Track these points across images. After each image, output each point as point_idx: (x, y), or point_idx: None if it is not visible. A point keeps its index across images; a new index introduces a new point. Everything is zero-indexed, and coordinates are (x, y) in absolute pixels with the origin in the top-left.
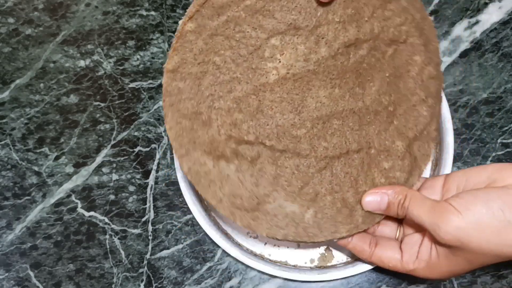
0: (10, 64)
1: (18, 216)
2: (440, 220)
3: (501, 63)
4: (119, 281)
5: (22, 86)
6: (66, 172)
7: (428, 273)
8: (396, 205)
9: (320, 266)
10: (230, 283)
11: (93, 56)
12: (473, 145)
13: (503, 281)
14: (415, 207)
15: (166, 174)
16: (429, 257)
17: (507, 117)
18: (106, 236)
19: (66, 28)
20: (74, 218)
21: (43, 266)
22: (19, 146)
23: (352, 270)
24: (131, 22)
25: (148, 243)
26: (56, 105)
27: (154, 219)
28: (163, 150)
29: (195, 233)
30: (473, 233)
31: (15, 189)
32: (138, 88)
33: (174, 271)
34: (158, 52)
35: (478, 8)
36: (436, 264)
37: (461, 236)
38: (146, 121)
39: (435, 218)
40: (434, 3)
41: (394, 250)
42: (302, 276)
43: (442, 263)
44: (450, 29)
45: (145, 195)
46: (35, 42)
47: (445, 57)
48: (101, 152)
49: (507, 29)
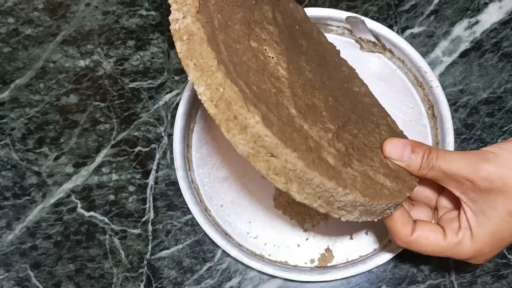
0: (10, 64)
1: (18, 216)
2: (477, 161)
3: (501, 63)
4: (119, 281)
5: (22, 86)
6: (66, 172)
7: (471, 245)
8: (421, 156)
9: (320, 266)
10: (230, 283)
11: (93, 56)
12: (473, 145)
13: (503, 281)
14: (446, 158)
15: (166, 174)
16: (470, 223)
17: (507, 117)
18: (106, 236)
19: (66, 28)
20: (74, 218)
21: (43, 266)
22: (19, 146)
23: (352, 271)
24: (131, 22)
25: (148, 243)
26: (56, 105)
27: (154, 219)
28: (163, 150)
29: (195, 233)
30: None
31: (15, 189)
32: (138, 88)
33: (174, 271)
34: (158, 52)
35: (478, 8)
36: (478, 229)
37: (502, 173)
38: (146, 121)
39: (470, 161)
40: (434, 3)
41: (435, 228)
42: (302, 277)
43: (484, 225)
44: (450, 29)
45: (145, 195)
46: (35, 42)
47: (445, 57)
48: (101, 152)
49: (507, 29)
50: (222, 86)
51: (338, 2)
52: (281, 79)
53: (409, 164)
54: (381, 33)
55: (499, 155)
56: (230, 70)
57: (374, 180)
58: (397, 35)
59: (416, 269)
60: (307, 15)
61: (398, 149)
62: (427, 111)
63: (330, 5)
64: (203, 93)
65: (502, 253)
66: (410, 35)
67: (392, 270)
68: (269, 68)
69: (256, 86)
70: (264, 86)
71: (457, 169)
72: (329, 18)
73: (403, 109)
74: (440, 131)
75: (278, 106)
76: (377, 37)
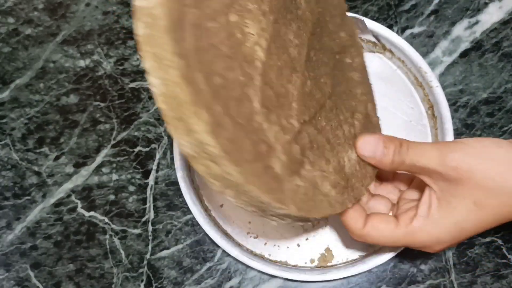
0: (10, 64)
1: (18, 216)
2: (446, 151)
3: (501, 63)
4: (119, 281)
5: (22, 86)
6: (66, 172)
7: (429, 232)
8: (392, 150)
9: (320, 266)
10: (230, 283)
11: (93, 56)
12: None
13: (503, 281)
14: (416, 150)
15: (166, 174)
16: (429, 210)
17: (507, 117)
18: (106, 236)
19: (66, 28)
20: (74, 218)
21: (43, 266)
22: (19, 146)
23: (352, 270)
24: (131, 22)
25: (148, 243)
26: (56, 105)
27: (154, 219)
28: (163, 150)
29: (195, 233)
30: (484, 160)
31: (15, 189)
32: (138, 88)
33: (174, 271)
34: None
35: (478, 8)
36: (441, 217)
37: (470, 163)
38: (146, 121)
39: (439, 151)
40: (434, 3)
41: (387, 218)
42: (302, 276)
43: (448, 214)
44: (450, 29)
45: (145, 195)
46: (35, 42)
47: (445, 57)
48: (101, 152)
49: (507, 29)
50: (175, 84)
51: None
52: (256, 63)
53: (381, 160)
54: (381, 33)
55: (469, 145)
56: (189, 63)
57: (319, 190)
58: (397, 35)
59: (416, 269)
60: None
61: (371, 146)
62: (427, 111)
63: None
64: (157, 86)
65: (502, 253)
66: (410, 35)
67: (392, 270)
68: (244, 50)
69: (221, 76)
70: (231, 74)
71: (427, 159)
72: None
73: (403, 109)
74: (440, 131)
75: (240, 101)
76: (377, 37)
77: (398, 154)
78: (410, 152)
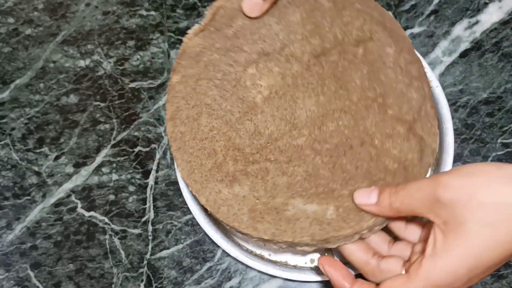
0: (10, 64)
1: (18, 216)
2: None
3: (501, 63)
4: (119, 281)
5: (22, 86)
6: (66, 172)
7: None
8: (387, 194)
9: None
10: (230, 283)
11: (93, 56)
12: (473, 145)
13: (503, 281)
14: (411, 184)
15: (166, 174)
16: (435, 246)
17: (507, 117)
18: (106, 236)
19: (66, 28)
20: (74, 218)
21: (43, 266)
22: (19, 146)
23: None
24: (131, 22)
25: (148, 243)
26: (56, 105)
27: (154, 219)
28: (163, 150)
29: (195, 233)
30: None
31: (15, 189)
32: (138, 88)
33: (174, 271)
34: (158, 52)
35: (478, 8)
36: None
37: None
38: (146, 121)
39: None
40: (434, 3)
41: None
42: (302, 276)
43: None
44: (450, 29)
45: (145, 195)
46: (35, 42)
47: (445, 57)
48: (101, 152)
49: (507, 29)
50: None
51: None
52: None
53: (379, 207)
54: None
55: (459, 168)
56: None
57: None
58: None
59: None
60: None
61: (364, 195)
62: None
63: None
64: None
65: None
66: (410, 35)
67: None
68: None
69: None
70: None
71: (422, 191)
72: None
73: None
74: (440, 131)
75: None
76: None
77: (394, 195)
78: (406, 189)
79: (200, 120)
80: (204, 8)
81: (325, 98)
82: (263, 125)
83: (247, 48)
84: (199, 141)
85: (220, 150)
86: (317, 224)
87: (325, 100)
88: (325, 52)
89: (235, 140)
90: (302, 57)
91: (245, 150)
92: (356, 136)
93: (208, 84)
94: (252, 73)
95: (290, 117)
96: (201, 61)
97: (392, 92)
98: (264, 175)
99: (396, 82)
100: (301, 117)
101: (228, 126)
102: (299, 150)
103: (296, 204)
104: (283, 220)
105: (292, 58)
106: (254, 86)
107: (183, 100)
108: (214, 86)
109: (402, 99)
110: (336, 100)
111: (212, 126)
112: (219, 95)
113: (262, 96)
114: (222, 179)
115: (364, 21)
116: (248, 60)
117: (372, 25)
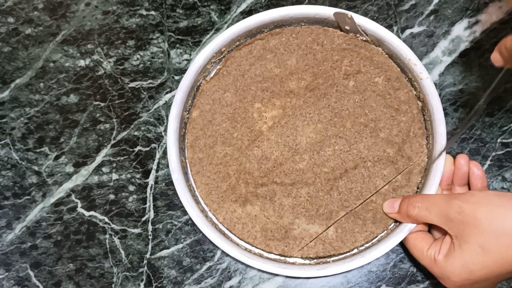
0: (10, 63)
1: (18, 215)
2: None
3: None
4: (119, 281)
5: (22, 85)
6: (66, 172)
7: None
8: (405, 204)
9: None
10: (230, 282)
11: (93, 56)
12: (473, 144)
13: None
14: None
15: (166, 174)
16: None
17: (507, 116)
18: (106, 236)
19: (66, 27)
20: (74, 217)
21: (43, 266)
22: (19, 145)
23: (351, 265)
24: (131, 22)
25: (148, 243)
26: (56, 105)
27: (154, 219)
28: (163, 150)
29: (195, 233)
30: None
31: (15, 189)
32: (138, 88)
33: (174, 271)
34: (158, 52)
35: (478, 8)
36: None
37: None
38: (146, 121)
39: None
40: (434, 3)
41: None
42: (301, 273)
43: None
44: (450, 29)
45: (145, 195)
46: (35, 41)
47: (445, 57)
48: (101, 151)
49: (507, 29)
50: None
51: (338, 1)
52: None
53: (400, 216)
54: (370, 28)
55: (472, 194)
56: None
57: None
58: (385, 29)
59: (416, 268)
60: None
61: (389, 204)
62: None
63: (330, 4)
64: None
65: None
66: (410, 35)
67: (391, 270)
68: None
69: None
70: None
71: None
72: (317, 14)
73: None
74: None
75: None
76: (365, 32)
77: (411, 206)
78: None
79: (215, 148)
80: (204, 8)
81: (322, 125)
82: (269, 150)
83: (253, 87)
84: (215, 166)
85: (233, 173)
86: (320, 244)
87: (322, 127)
88: (318, 86)
89: (246, 164)
90: (299, 92)
91: (254, 173)
92: (351, 160)
93: (222, 117)
94: (258, 107)
95: (292, 143)
96: (216, 98)
97: (383, 116)
98: (272, 196)
99: (386, 107)
100: (302, 143)
101: (239, 152)
102: (301, 174)
103: (301, 224)
104: (291, 238)
105: (291, 93)
106: (260, 117)
107: (201, 131)
108: (226, 119)
109: (392, 123)
110: (332, 127)
111: (225, 153)
112: (231, 126)
113: (267, 126)
114: (236, 199)
115: (351, 58)
116: (254, 96)
117: (359, 60)
